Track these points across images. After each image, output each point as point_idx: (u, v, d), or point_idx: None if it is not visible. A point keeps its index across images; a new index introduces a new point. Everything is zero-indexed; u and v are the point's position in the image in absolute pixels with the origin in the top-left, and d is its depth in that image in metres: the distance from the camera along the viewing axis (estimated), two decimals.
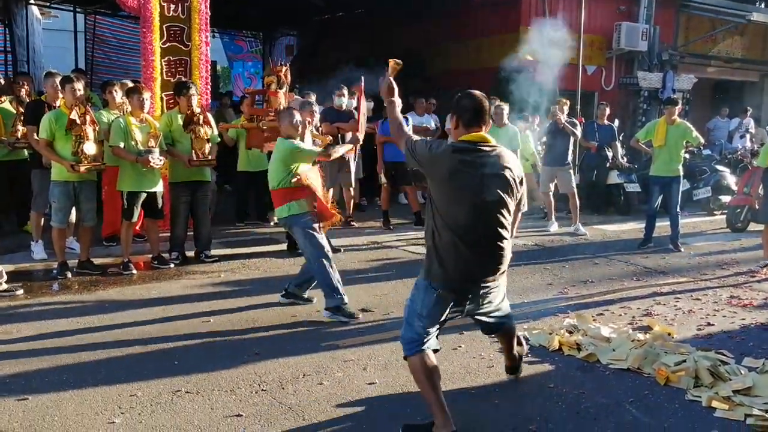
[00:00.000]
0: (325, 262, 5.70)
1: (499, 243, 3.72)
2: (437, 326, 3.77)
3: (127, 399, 4.06)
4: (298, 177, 5.75)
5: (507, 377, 4.54)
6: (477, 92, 3.78)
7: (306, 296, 6.07)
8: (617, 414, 4.03)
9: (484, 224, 3.64)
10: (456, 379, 4.51)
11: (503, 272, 3.87)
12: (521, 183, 3.76)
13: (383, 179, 9.76)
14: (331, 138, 9.21)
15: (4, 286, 6.18)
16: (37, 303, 5.99)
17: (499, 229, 3.70)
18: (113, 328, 5.27)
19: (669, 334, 5.31)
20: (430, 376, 3.65)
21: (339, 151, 6.38)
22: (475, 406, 4.11)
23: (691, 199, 11.91)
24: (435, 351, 3.77)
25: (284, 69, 8.92)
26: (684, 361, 4.62)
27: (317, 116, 8.59)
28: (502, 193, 3.62)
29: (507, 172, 3.64)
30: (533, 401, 4.18)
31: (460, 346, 5.09)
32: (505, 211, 3.68)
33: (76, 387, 4.22)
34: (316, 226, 5.77)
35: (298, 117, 5.98)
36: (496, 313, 4.10)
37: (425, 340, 3.71)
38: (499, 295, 4.00)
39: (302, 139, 6.06)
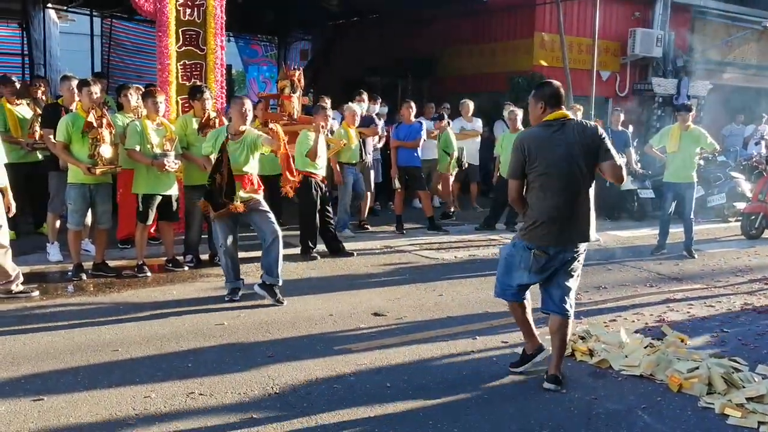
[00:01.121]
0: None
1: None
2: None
3: (141, 400, 4.09)
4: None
5: (520, 382, 4.53)
6: (554, 81, 4.50)
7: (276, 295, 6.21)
8: (629, 420, 4.02)
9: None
10: (468, 383, 4.51)
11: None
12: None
13: (397, 184, 9.78)
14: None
15: (21, 288, 6.22)
16: (52, 304, 6.04)
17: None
18: (127, 330, 5.31)
19: (682, 341, 5.29)
20: None
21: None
22: (487, 411, 4.11)
23: (706, 206, 11.85)
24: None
25: (297, 73, 8.98)
26: (697, 367, 4.60)
27: (331, 120, 8.63)
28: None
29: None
30: (545, 407, 4.18)
31: (472, 351, 5.09)
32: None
33: (90, 388, 4.25)
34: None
35: (247, 105, 6.12)
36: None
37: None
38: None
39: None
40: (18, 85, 8.48)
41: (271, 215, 6.29)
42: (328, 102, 10.08)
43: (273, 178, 9.65)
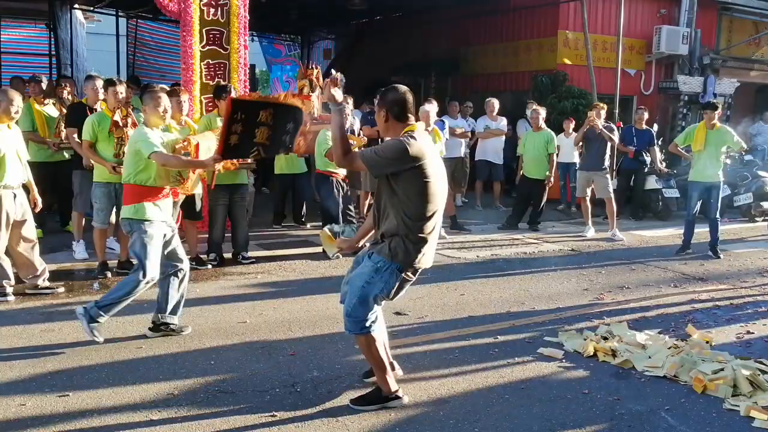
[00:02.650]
0: (141, 283, 4.96)
1: None
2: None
3: (164, 397, 4.13)
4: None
5: (542, 382, 4.52)
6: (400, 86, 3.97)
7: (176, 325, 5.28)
8: (652, 422, 3.99)
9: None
10: (488, 383, 4.50)
11: None
12: None
13: None
14: (366, 140, 9.28)
15: (46, 283, 6.33)
16: (77, 302, 6.09)
17: None
18: None
19: (707, 342, 5.23)
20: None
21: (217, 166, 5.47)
22: (509, 410, 4.09)
23: (732, 205, 11.71)
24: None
25: (316, 72, 9.00)
26: (722, 369, 4.55)
27: (350, 118, 8.64)
28: None
29: None
30: (567, 407, 4.16)
31: (494, 350, 5.08)
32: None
33: (114, 385, 4.30)
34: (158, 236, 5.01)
35: (165, 103, 5.20)
36: None
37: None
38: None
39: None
40: (45, 85, 8.60)
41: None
42: (350, 101, 10.10)
43: (297, 177, 9.72)
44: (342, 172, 8.04)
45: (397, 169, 3.74)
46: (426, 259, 3.94)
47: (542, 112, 10.25)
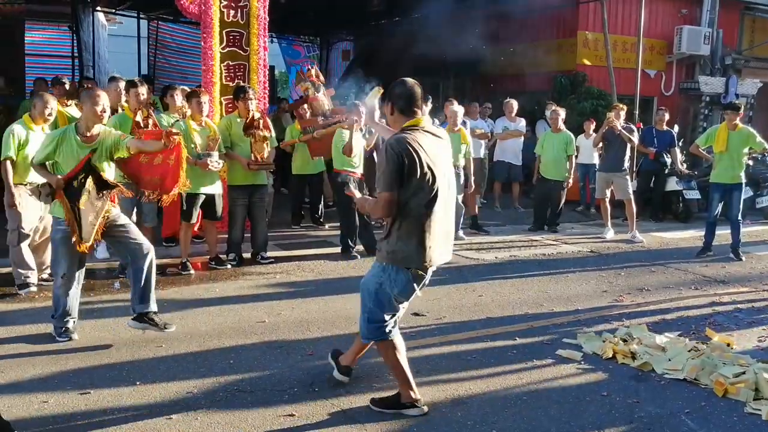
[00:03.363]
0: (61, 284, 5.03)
1: None
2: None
3: (184, 396, 4.17)
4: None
5: (560, 385, 4.50)
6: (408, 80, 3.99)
7: (157, 320, 5.15)
8: (672, 425, 3.96)
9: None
10: (507, 384, 4.49)
11: None
12: None
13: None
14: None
15: (45, 276, 6.56)
16: (98, 300, 6.19)
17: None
18: (171, 327, 5.40)
19: (728, 345, 5.18)
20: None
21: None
22: (527, 411, 4.08)
23: (754, 207, 11.60)
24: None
25: (314, 71, 9.06)
26: (743, 372, 4.50)
27: (364, 117, 8.63)
28: None
29: None
30: (586, 409, 4.14)
31: (513, 352, 5.07)
32: None
33: (134, 383, 4.35)
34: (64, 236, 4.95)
35: (103, 102, 4.95)
36: None
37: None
38: None
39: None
40: (68, 87, 8.70)
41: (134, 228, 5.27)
42: None
43: (314, 177, 9.75)
44: (359, 171, 8.02)
45: (402, 175, 3.71)
46: (434, 256, 3.87)
47: (562, 113, 10.21)
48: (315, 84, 9.04)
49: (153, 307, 5.15)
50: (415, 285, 3.92)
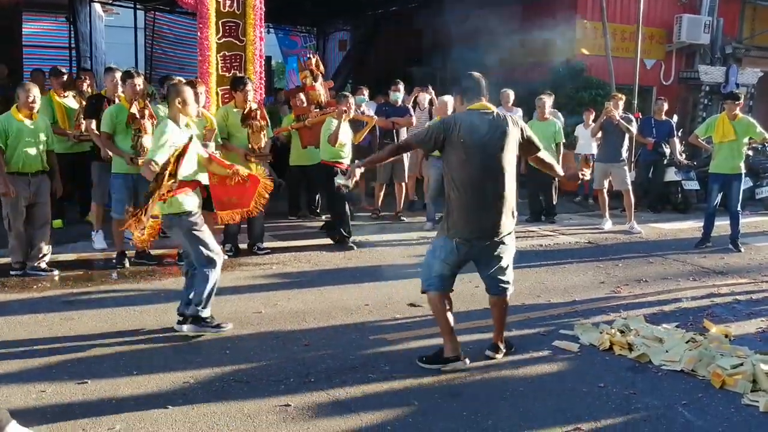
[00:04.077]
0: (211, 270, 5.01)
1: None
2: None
3: (180, 386, 4.17)
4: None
5: (557, 376, 4.50)
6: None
7: (213, 321, 5.15)
8: (669, 416, 3.95)
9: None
10: (503, 375, 4.49)
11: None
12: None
13: None
14: (376, 118, 9.27)
15: (43, 266, 6.62)
16: (96, 291, 6.18)
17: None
18: (168, 317, 5.38)
19: (726, 336, 5.18)
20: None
21: None
22: (523, 402, 4.08)
23: (754, 198, 11.58)
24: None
25: (314, 60, 9.02)
26: (741, 364, 4.49)
27: (354, 108, 8.63)
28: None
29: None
30: (582, 400, 4.13)
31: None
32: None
33: (132, 373, 4.35)
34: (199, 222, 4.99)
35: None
36: (497, 274, 4.61)
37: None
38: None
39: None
40: (65, 78, 8.67)
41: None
42: (365, 92, 10.10)
43: (310, 168, 9.72)
44: (347, 161, 7.98)
45: (436, 142, 4.41)
46: (463, 229, 4.38)
47: (548, 101, 10.12)
48: (314, 73, 9.01)
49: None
50: (459, 250, 4.47)
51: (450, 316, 4.57)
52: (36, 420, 3.69)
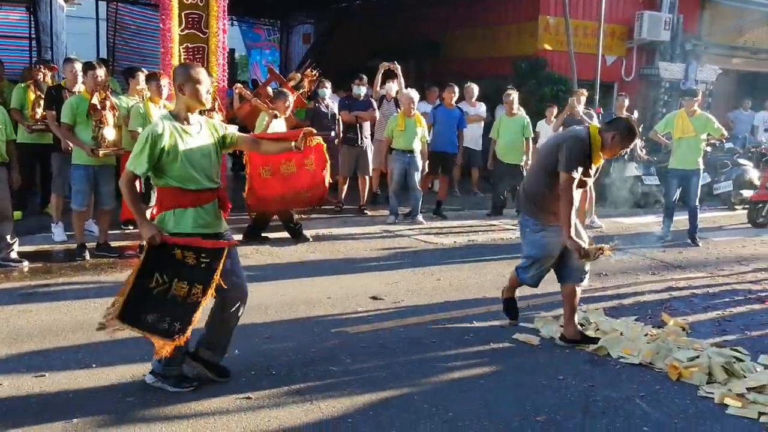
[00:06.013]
0: None
1: None
2: None
3: (140, 379, 4.11)
4: None
5: (517, 368, 4.54)
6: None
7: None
8: (627, 408, 4.02)
9: None
10: (464, 368, 4.52)
11: None
12: None
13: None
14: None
15: (13, 256, 6.51)
16: (55, 283, 6.08)
17: None
18: None
19: (683, 329, 5.27)
20: None
21: None
22: (483, 395, 4.11)
23: (712, 193, 11.78)
24: None
25: (314, 74, 9.05)
26: (697, 356, 4.57)
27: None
28: None
29: None
30: (542, 392, 4.18)
31: (470, 335, 5.10)
32: None
33: (90, 365, 4.29)
34: None
35: None
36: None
37: None
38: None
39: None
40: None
41: None
42: (328, 86, 10.02)
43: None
44: None
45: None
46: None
47: (515, 96, 10.16)
48: (300, 83, 9.03)
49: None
50: None
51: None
52: None
